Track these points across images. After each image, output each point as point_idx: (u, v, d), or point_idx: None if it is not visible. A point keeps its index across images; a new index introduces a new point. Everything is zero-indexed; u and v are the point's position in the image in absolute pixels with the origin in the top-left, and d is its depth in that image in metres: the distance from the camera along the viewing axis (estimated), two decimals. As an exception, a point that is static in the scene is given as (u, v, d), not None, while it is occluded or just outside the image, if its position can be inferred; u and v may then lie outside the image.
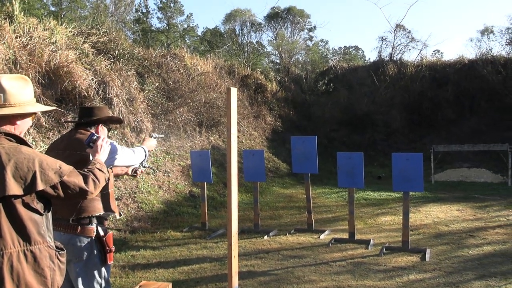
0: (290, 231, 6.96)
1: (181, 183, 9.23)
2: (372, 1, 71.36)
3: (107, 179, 2.26)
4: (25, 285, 1.84)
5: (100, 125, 2.97)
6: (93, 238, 2.65)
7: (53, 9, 34.40)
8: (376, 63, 19.84)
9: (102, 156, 2.42)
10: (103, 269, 2.72)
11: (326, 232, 6.80)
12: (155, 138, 3.46)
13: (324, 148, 15.56)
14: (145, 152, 3.08)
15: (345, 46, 48.69)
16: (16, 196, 1.82)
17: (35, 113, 2.14)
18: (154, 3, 42.79)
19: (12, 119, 1.99)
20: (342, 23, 76.33)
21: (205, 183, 7.26)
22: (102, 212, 2.70)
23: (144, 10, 40.83)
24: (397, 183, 5.86)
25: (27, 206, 1.86)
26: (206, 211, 7.17)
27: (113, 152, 2.70)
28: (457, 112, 16.67)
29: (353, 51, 49.93)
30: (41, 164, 1.88)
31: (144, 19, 39.75)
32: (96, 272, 2.69)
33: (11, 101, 1.96)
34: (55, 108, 2.62)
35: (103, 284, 2.75)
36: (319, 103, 18.25)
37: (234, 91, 2.88)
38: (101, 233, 2.69)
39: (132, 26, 35.72)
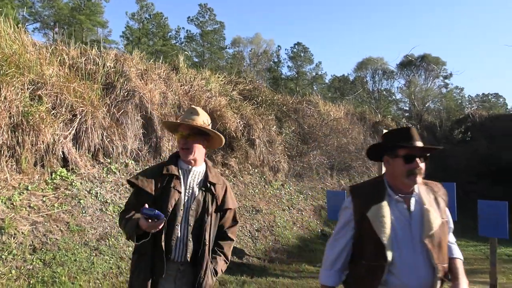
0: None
1: (313, 222, 9.66)
2: (515, 46, 65.73)
3: None
4: None
5: None
6: None
7: (196, 60, 38.64)
8: (521, 112, 18.37)
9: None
10: None
11: (466, 283, 6.53)
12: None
13: (460, 200, 14.67)
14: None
15: (483, 93, 45.51)
16: None
17: None
18: (285, 53, 45.38)
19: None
20: (480, 69, 71.51)
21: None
22: None
23: (276, 60, 43.66)
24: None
25: None
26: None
27: None
28: None
29: (493, 99, 46.43)
30: None
31: (275, 67, 42.47)
32: None
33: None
34: None
35: None
36: (454, 153, 17.38)
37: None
38: None
39: (264, 74, 38.41)
